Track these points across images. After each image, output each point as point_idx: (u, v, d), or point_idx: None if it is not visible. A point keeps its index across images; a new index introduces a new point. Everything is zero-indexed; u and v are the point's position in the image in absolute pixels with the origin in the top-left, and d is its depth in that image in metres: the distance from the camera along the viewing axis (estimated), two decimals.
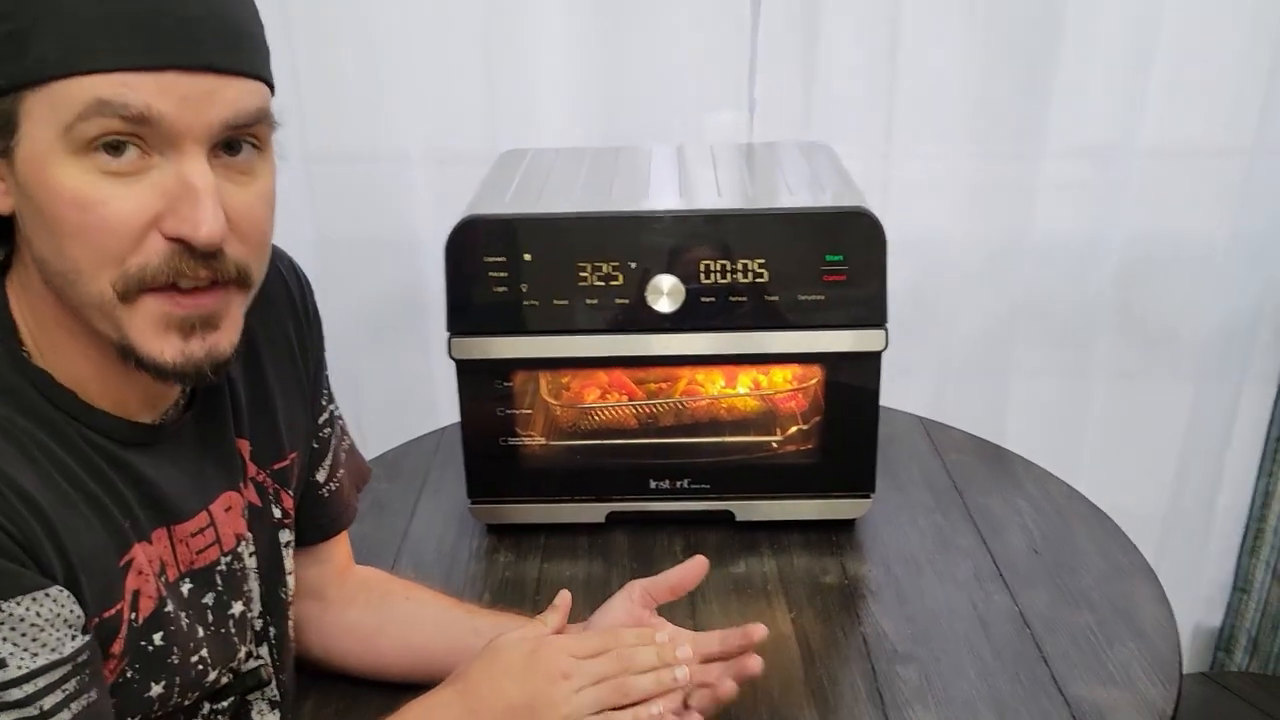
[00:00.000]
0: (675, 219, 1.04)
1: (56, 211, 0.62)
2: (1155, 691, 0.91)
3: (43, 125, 0.61)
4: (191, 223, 0.62)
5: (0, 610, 0.58)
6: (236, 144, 0.65)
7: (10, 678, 0.59)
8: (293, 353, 0.87)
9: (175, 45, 0.61)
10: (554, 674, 0.77)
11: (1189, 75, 1.30)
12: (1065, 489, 1.22)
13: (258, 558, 0.82)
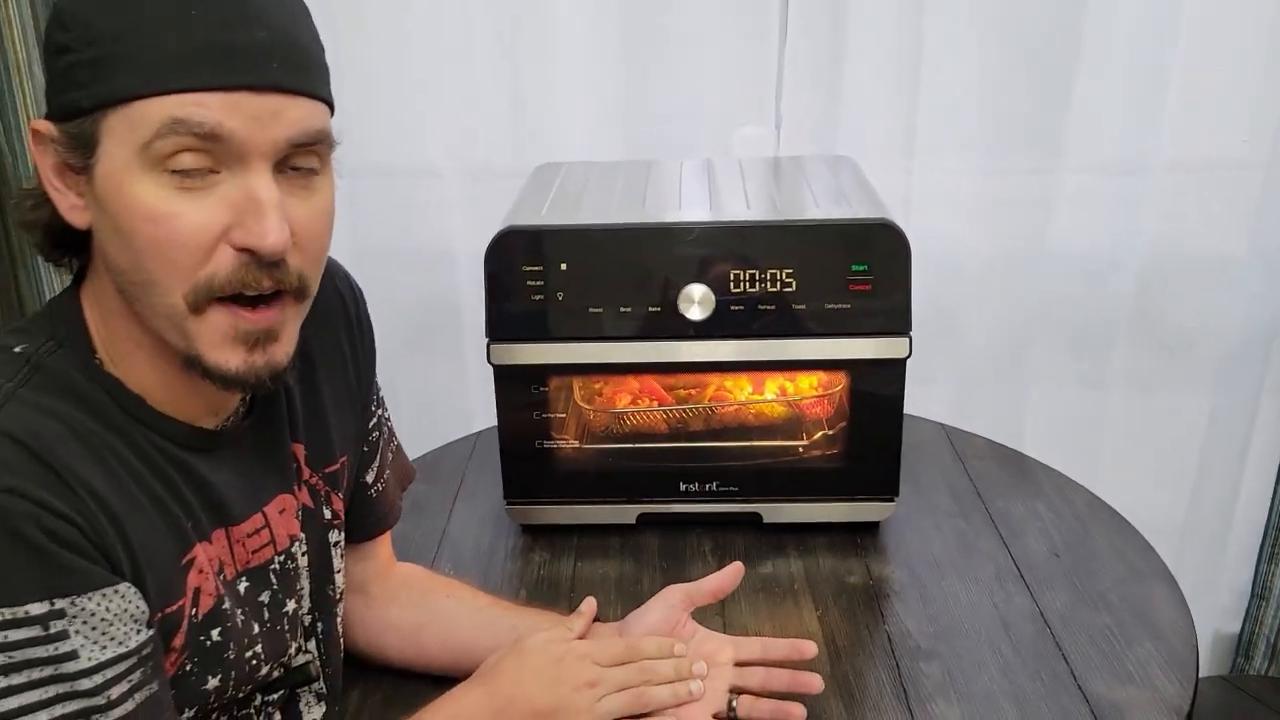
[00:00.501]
0: (706, 230, 1.08)
1: (132, 225, 0.66)
2: (1172, 690, 0.94)
3: (121, 144, 0.65)
4: (258, 234, 0.66)
5: (74, 605, 0.62)
6: (299, 161, 0.69)
7: (81, 668, 0.62)
8: (344, 363, 0.91)
9: (244, 67, 0.65)
10: (579, 681, 0.82)
11: (1205, 90, 1.33)
12: (1085, 494, 1.25)
13: (309, 557, 0.86)
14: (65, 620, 0.62)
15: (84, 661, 0.63)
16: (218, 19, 0.64)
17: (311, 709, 0.88)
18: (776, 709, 0.87)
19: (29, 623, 0.60)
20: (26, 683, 0.60)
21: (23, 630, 0.60)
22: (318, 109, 0.69)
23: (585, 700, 0.82)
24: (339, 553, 0.90)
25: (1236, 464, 1.50)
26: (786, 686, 0.88)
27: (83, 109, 0.65)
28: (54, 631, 0.61)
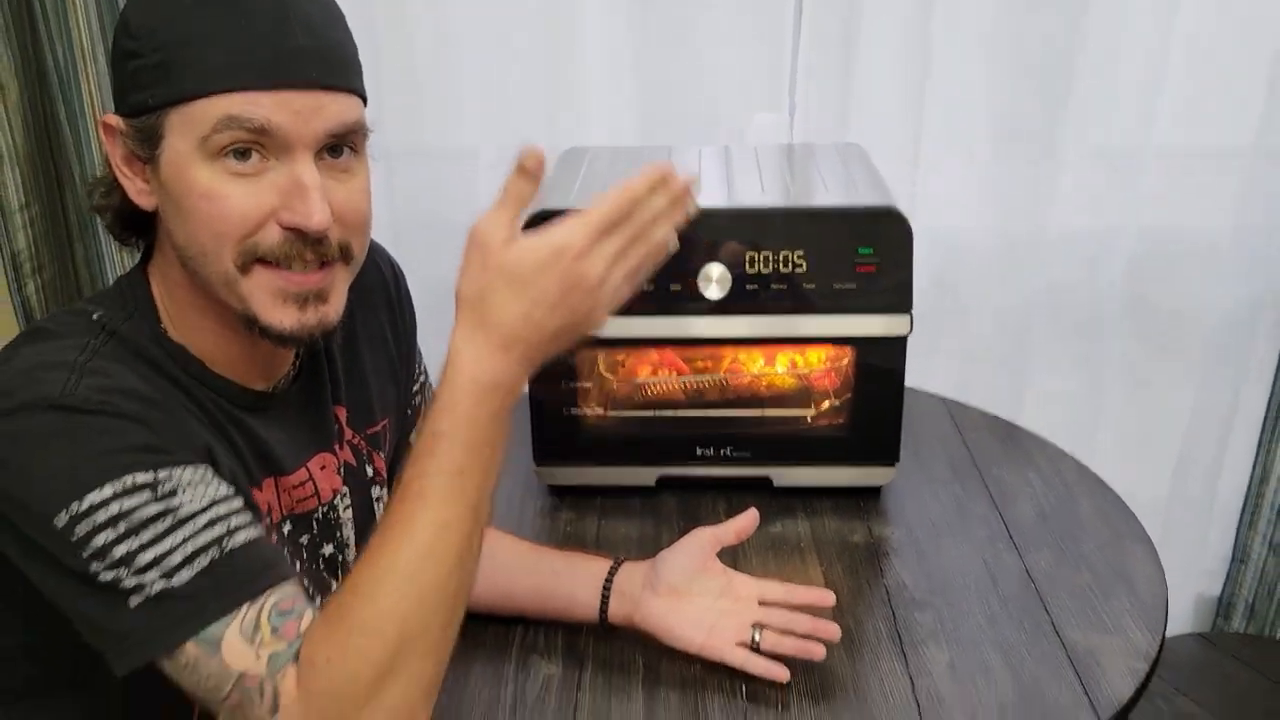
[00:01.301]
0: (724, 214, 1.16)
1: (191, 204, 0.75)
2: (1142, 639, 1.03)
3: (182, 137, 0.74)
4: (304, 214, 0.75)
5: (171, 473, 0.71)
6: (338, 149, 0.77)
7: (193, 511, 0.70)
8: (385, 336, 1.00)
9: (288, 70, 0.74)
10: (589, 285, 0.72)
11: (1197, 83, 1.40)
12: (1074, 464, 1.34)
13: (353, 510, 0.95)
14: (170, 483, 0.71)
15: (193, 506, 0.71)
16: (264, 27, 0.73)
17: None
18: (800, 646, 0.95)
19: (139, 490, 0.69)
20: (154, 536, 0.69)
21: (134, 497, 0.69)
22: (353, 102, 0.78)
23: (601, 299, 0.73)
24: (381, 507, 0.99)
25: (1220, 438, 1.58)
26: (807, 630, 0.96)
27: (149, 107, 0.75)
28: (161, 493, 0.70)
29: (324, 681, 0.69)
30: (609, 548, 1.17)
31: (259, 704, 0.69)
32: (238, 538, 0.72)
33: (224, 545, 0.71)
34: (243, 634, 0.69)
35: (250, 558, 0.72)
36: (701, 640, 0.97)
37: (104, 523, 0.69)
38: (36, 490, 0.70)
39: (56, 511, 0.69)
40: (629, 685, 0.98)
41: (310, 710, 0.68)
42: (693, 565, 1.00)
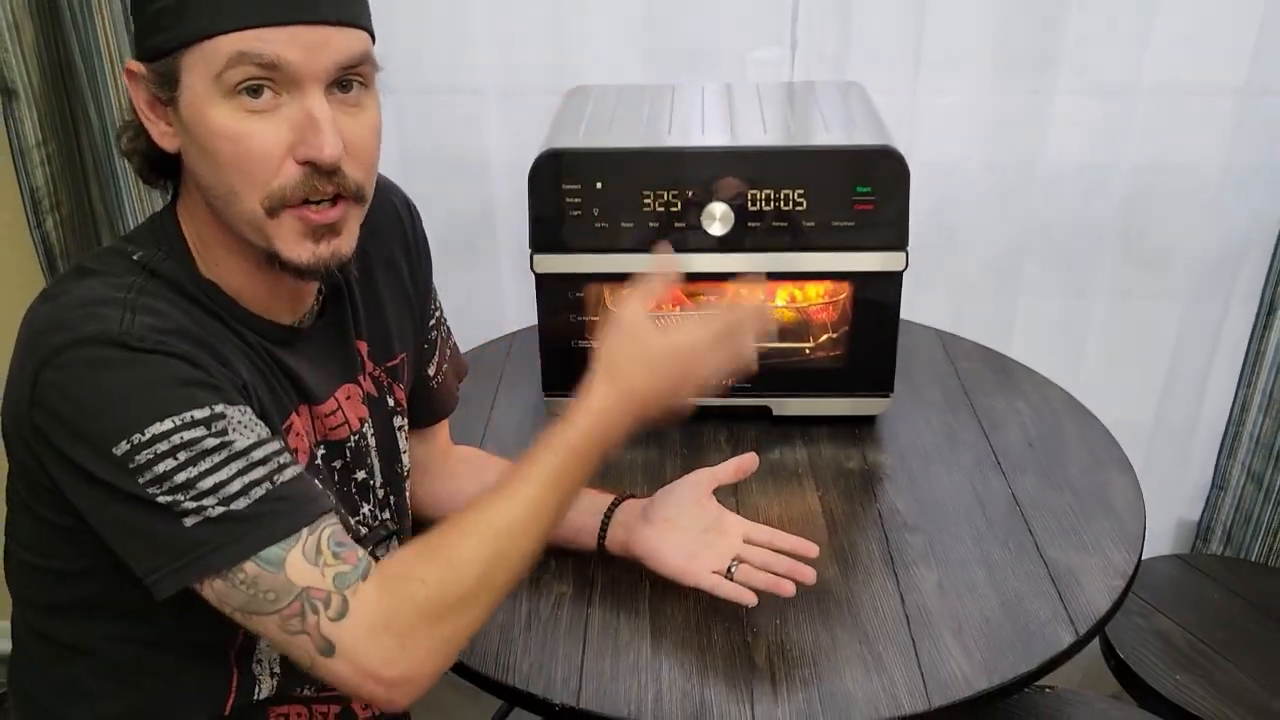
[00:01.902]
0: (727, 154, 1.20)
1: (214, 145, 0.78)
2: (1119, 556, 1.09)
3: (198, 77, 0.77)
4: (317, 147, 0.78)
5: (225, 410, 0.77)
6: (347, 83, 0.80)
7: (246, 445, 0.77)
8: (401, 274, 1.04)
9: (296, 5, 0.76)
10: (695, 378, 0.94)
11: (1189, 20, 1.42)
12: (1061, 393, 1.39)
13: (376, 438, 1.00)
14: (223, 420, 0.76)
15: (246, 442, 0.77)
16: None
17: None
18: (770, 581, 0.99)
19: (197, 424, 0.75)
20: (211, 466, 0.75)
21: (193, 430, 0.75)
22: (360, 36, 0.80)
23: (695, 387, 0.94)
24: (403, 436, 1.04)
25: (1203, 369, 1.63)
26: (784, 570, 0.99)
27: (166, 49, 0.77)
28: (216, 429, 0.76)
29: (408, 598, 0.78)
30: (614, 474, 1.22)
31: (324, 611, 0.76)
32: (286, 473, 0.78)
33: (274, 480, 0.77)
34: (305, 556, 0.77)
35: (299, 491, 0.79)
36: (682, 565, 1.01)
37: (165, 452, 0.74)
38: (96, 419, 0.75)
39: (117, 440, 0.74)
40: (637, 602, 1.05)
41: (386, 617, 0.77)
42: (687, 500, 1.04)
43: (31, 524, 0.86)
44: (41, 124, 1.48)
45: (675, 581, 1.02)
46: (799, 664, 0.97)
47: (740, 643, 0.99)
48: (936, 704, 0.93)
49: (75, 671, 0.90)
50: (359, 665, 0.77)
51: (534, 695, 0.95)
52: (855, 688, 0.94)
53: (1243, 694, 1.26)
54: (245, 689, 0.91)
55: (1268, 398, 1.58)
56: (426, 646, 0.79)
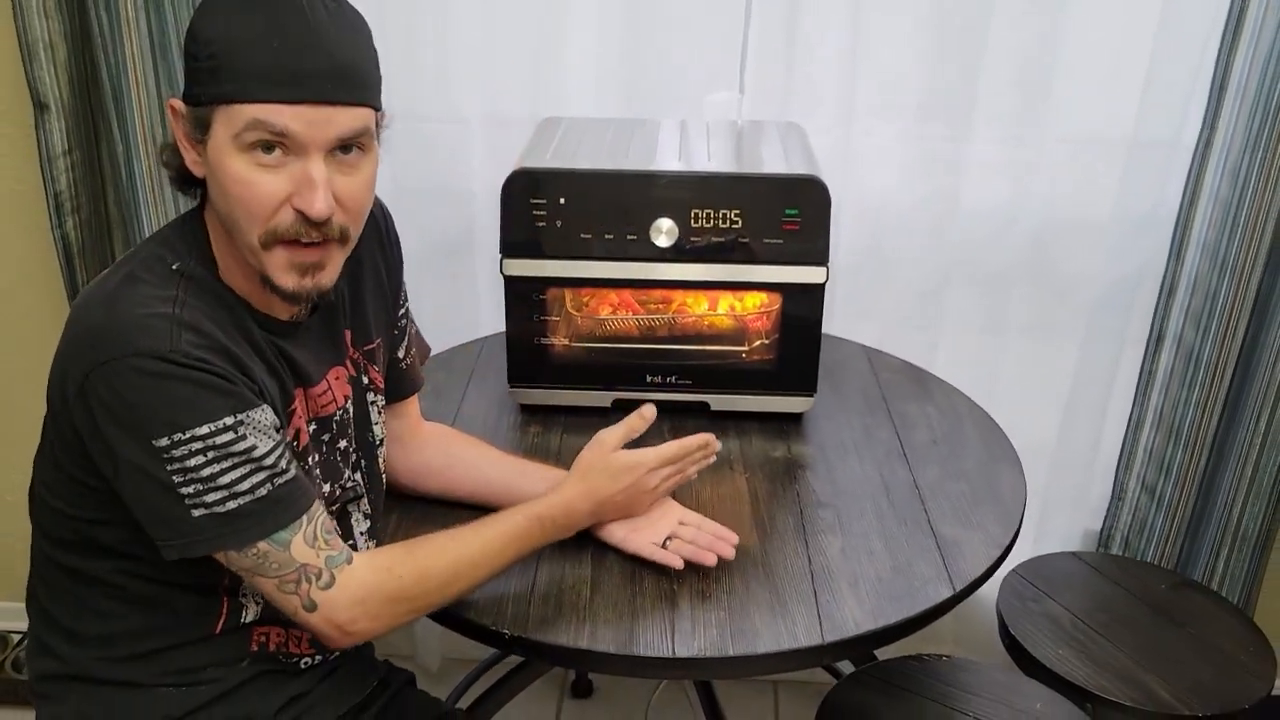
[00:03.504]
0: (675, 177, 1.37)
1: (228, 186, 0.94)
2: (999, 532, 1.26)
3: (223, 129, 0.93)
4: (309, 203, 0.94)
5: (248, 416, 0.95)
6: (348, 148, 0.95)
7: (262, 453, 0.95)
8: (378, 269, 1.20)
9: (307, 88, 0.91)
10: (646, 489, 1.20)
11: (1084, 77, 1.62)
12: (966, 401, 1.57)
13: (353, 410, 1.16)
14: (245, 426, 0.94)
15: (261, 449, 0.95)
16: (294, 48, 0.91)
17: (360, 522, 1.19)
18: (694, 553, 1.17)
19: (226, 430, 0.93)
20: (232, 465, 0.93)
21: (225, 435, 0.93)
22: (363, 113, 0.95)
23: (646, 498, 1.21)
24: (376, 410, 1.20)
25: (1104, 389, 1.81)
26: (707, 545, 1.18)
27: (201, 101, 0.94)
28: (239, 434, 0.93)
29: (389, 587, 1.02)
30: (569, 456, 1.37)
31: (316, 581, 0.99)
32: (288, 473, 0.98)
33: (275, 481, 0.96)
34: (305, 540, 0.98)
35: (296, 487, 0.98)
36: (623, 535, 1.20)
37: (198, 450, 0.92)
38: (143, 418, 0.91)
39: (159, 436, 0.91)
40: (581, 557, 1.21)
41: (366, 594, 1.01)
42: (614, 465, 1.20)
43: (61, 477, 1.02)
44: (68, 134, 1.65)
45: (617, 548, 1.20)
46: (715, 607, 1.13)
47: (667, 590, 1.16)
48: (829, 640, 1.09)
49: (87, 593, 1.06)
50: (331, 620, 1.00)
51: (487, 626, 1.11)
52: (762, 625, 1.11)
53: (1115, 666, 1.43)
54: (233, 613, 1.07)
55: (1158, 416, 1.77)
56: (384, 621, 1.03)
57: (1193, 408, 1.73)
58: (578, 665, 1.43)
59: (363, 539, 1.19)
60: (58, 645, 1.08)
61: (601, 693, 2.06)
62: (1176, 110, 1.63)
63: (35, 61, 1.59)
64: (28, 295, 1.86)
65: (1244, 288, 1.64)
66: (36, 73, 1.60)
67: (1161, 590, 1.58)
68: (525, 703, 1.79)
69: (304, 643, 1.13)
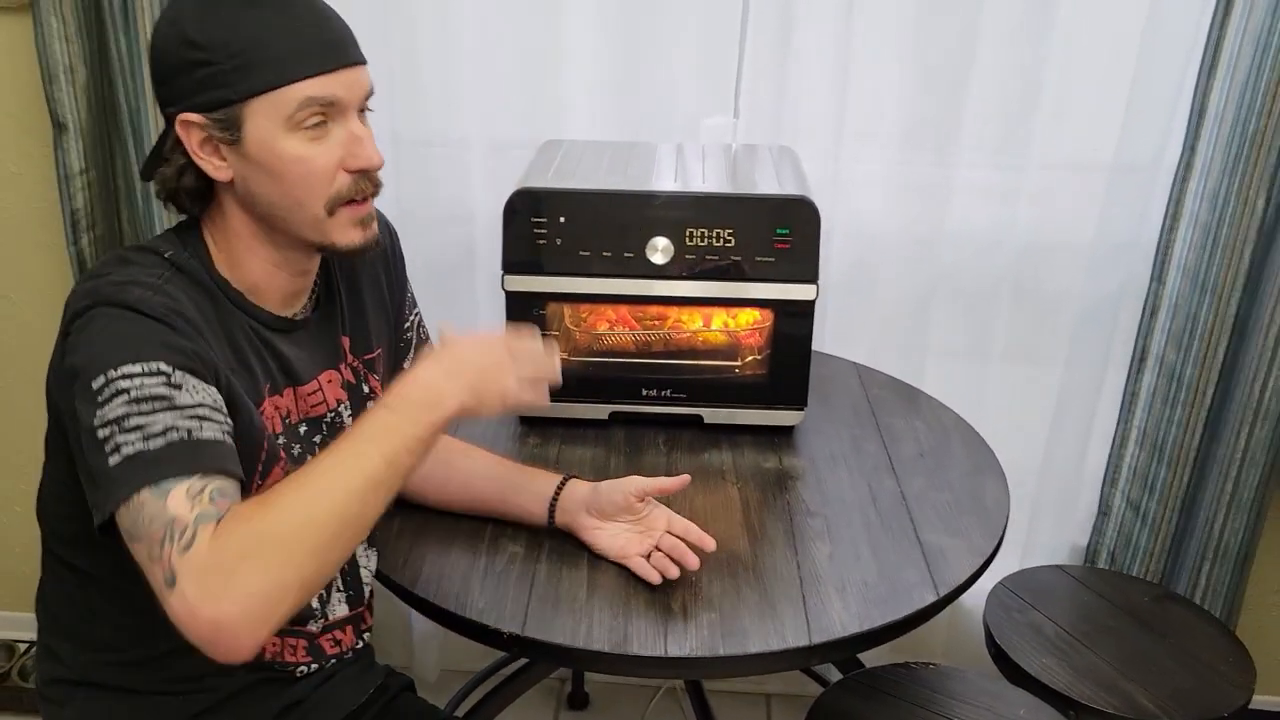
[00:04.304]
0: (671, 197, 1.42)
1: (284, 169, 0.99)
2: (982, 540, 1.30)
3: (267, 118, 0.97)
4: (368, 156, 1.02)
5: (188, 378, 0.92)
6: (362, 109, 1.04)
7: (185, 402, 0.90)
8: (380, 282, 1.24)
9: (337, 55, 1.00)
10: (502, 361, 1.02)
11: (1065, 106, 1.68)
12: (954, 416, 1.61)
13: (353, 419, 1.19)
14: (181, 379, 0.91)
15: (187, 400, 0.90)
16: (311, 25, 0.98)
17: None
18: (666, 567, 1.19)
19: (157, 375, 0.90)
20: (148, 410, 0.88)
21: (152, 379, 0.89)
22: (369, 71, 1.04)
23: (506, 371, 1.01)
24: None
25: (1089, 406, 1.86)
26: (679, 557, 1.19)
27: (230, 100, 0.97)
28: (172, 383, 0.90)
29: (235, 538, 0.84)
30: (567, 466, 1.42)
31: (178, 541, 0.83)
32: (207, 433, 0.90)
33: (193, 434, 0.89)
34: (188, 494, 0.85)
35: (211, 449, 0.90)
36: (610, 549, 1.23)
37: (121, 389, 0.88)
38: (91, 357, 0.90)
39: (97, 375, 0.89)
40: (577, 561, 1.25)
41: (215, 554, 0.83)
42: (620, 504, 1.23)
43: (59, 464, 1.04)
44: (85, 154, 1.70)
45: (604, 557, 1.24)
46: (707, 609, 1.17)
47: (661, 593, 1.20)
48: (816, 641, 1.13)
49: (87, 594, 1.09)
50: (187, 600, 0.81)
51: (486, 626, 1.15)
52: (751, 626, 1.15)
53: (1096, 674, 1.47)
54: None
55: (1142, 433, 1.81)
56: (245, 589, 0.81)
57: (1175, 426, 1.77)
58: (573, 664, 1.47)
59: (361, 546, 1.22)
60: (63, 649, 1.12)
61: (597, 704, 2.10)
62: (1156, 136, 1.69)
63: (55, 83, 1.65)
64: (43, 309, 1.92)
65: (1224, 309, 1.69)
66: (56, 94, 1.66)
67: (1144, 602, 1.62)
68: (521, 715, 1.82)
69: (299, 651, 1.16)
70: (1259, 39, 1.55)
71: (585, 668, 1.92)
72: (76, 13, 1.62)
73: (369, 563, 1.24)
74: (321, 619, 1.18)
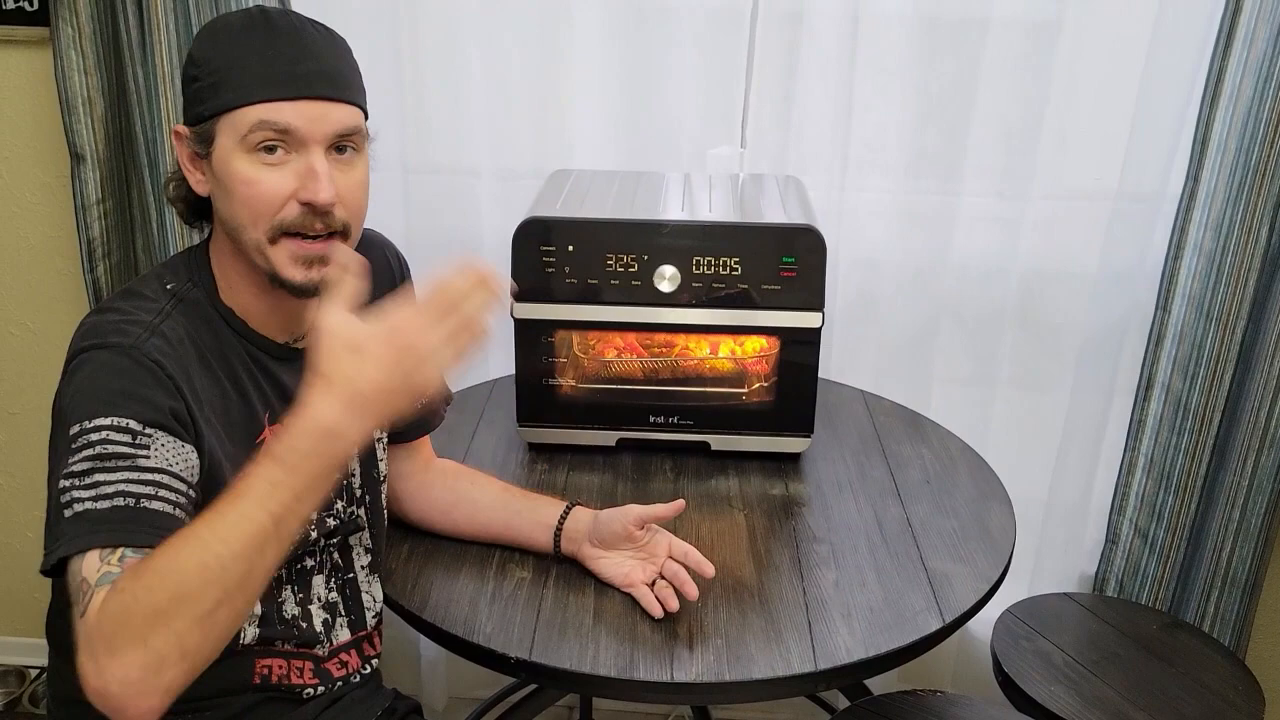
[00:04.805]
0: (678, 226, 1.44)
1: (234, 187, 1.00)
2: (988, 567, 1.31)
3: (228, 137, 1.00)
4: (314, 191, 0.99)
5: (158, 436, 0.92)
6: (343, 147, 1.02)
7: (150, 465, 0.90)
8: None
9: (303, 85, 0.99)
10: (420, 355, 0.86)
11: (1068, 135, 1.69)
12: (959, 443, 1.62)
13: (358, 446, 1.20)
14: (148, 440, 0.91)
15: (149, 464, 0.90)
16: (285, 56, 0.99)
17: (361, 556, 1.23)
18: (673, 576, 1.20)
19: (125, 431, 0.90)
20: (109, 467, 0.89)
21: (119, 435, 0.90)
22: (354, 112, 1.03)
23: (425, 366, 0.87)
24: (381, 447, 1.24)
25: (1097, 434, 1.86)
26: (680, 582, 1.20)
27: (204, 116, 1.00)
28: (139, 443, 0.90)
29: (113, 604, 0.80)
30: (574, 493, 1.44)
31: (81, 604, 0.83)
32: (155, 504, 0.89)
33: (140, 502, 0.88)
34: (100, 557, 0.85)
35: (152, 519, 0.88)
36: (615, 578, 1.24)
37: (91, 442, 0.89)
38: (73, 405, 0.92)
39: (74, 424, 0.91)
40: (584, 587, 1.25)
41: (99, 622, 0.80)
42: (620, 533, 1.24)
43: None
44: (102, 185, 1.73)
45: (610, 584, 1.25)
46: (713, 635, 1.18)
47: (667, 619, 1.20)
48: (822, 667, 1.14)
49: None
50: (82, 666, 0.79)
51: (494, 650, 1.15)
52: (757, 652, 1.15)
53: (1105, 702, 1.46)
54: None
55: (1149, 461, 1.81)
56: (122, 659, 0.78)
57: (1182, 454, 1.77)
58: (580, 689, 1.47)
59: (364, 572, 1.23)
60: (72, 668, 1.12)
61: None
62: (1160, 165, 1.70)
63: (73, 115, 1.68)
64: (60, 336, 1.94)
65: (1229, 337, 1.69)
66: (74, 126, 1.69)
67: (1153, 630, 1.62)
68: None
69: (306, 673, 1.17)
70: (1260, 70, 1.57)
71: (592, 692, 1.91)
72: (95, 46, 1.66)
73: (371, 588, 1.25)
74: (327, 644, 1.19)
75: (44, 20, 1.69)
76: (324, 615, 1.19)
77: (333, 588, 1.20)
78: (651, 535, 1.26)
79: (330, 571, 1.20)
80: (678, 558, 1.23)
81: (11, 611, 2.17)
